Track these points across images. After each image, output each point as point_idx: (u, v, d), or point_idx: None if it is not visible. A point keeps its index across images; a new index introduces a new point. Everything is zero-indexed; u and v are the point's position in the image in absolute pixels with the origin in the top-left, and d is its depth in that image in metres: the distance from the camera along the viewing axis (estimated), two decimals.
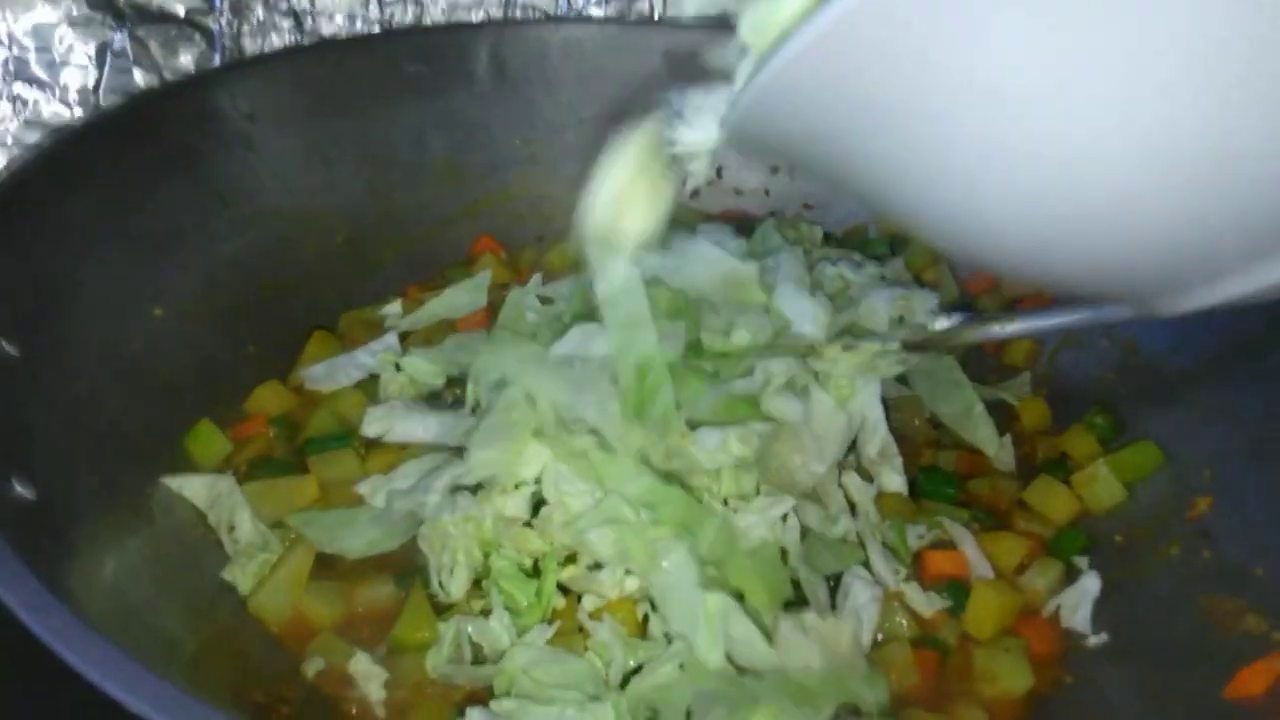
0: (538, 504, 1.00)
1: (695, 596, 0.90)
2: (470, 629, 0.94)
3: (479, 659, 0.94)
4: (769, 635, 0.91)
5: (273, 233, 1.31)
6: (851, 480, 1.07)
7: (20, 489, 0.84)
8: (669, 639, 0.91)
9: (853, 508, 1.06)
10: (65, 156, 1.12)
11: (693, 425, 0.99)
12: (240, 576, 0.99)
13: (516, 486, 0.99)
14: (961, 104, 0.49)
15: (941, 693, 0.98)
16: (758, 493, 0.99)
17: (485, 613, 0.97)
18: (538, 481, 0.99)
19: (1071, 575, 1.08)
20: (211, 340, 1.20)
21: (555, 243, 1.43)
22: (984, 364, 1.31)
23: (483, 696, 0.92)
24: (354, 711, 0.91)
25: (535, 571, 0.98)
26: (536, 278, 1.30)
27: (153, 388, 1.10)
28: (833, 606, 0.98)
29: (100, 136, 1.17)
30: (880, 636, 0.99)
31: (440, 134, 1.44)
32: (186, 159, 1.24)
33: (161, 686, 0.65)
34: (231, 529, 1.04)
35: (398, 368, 1.20)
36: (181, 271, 1.19)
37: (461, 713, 0.88)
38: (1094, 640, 1.03)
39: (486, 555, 0.97)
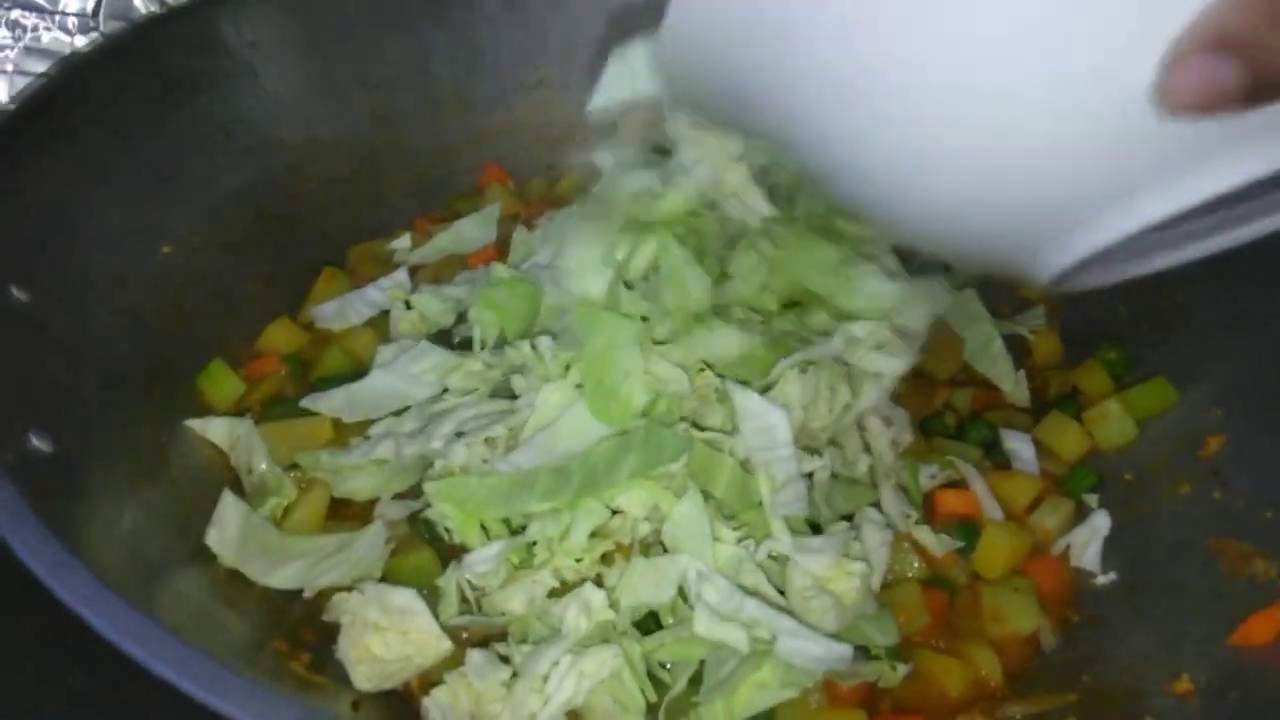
0: None
1: (706, 547, 0.91)
2: (469, 575, 0.95)
3: (485, 608, 0.96)
4: (781, 588, 0.92)
5: (278, 164, 1.29)
6: (871, 422, 1.07)
7: (38, 442, 0.84)
8: (684, 596, 0.92)
9: (868, 448, 1.06)
10: (69, 88, 1.09)
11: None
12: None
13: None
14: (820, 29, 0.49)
15: (951, 632, 0.99)
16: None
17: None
18: None
19: (1081, 514, 1.09)
20: (221, 277, 1.19)
21: (565, 173, 1.41)
22: (998, 296, 1.30)
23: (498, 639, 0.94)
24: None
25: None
26: (546, 216, 1.28)
27: (164, 328, 1.10)
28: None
29: (104, 67, 1.14)
30: (890, 577, 1.00)
31: (446, 60, 1.40)
32: (190, 89, 1.21)
33: (185, 650, 0.66)
34: (250, 470, 1.05)
35: (408, 305, 1.19)
36: (188, 206, 1.18)
37: None
38: (1102, 579, 1.04)
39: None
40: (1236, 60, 0.43)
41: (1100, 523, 1.07)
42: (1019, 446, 1.13)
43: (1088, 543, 1.06)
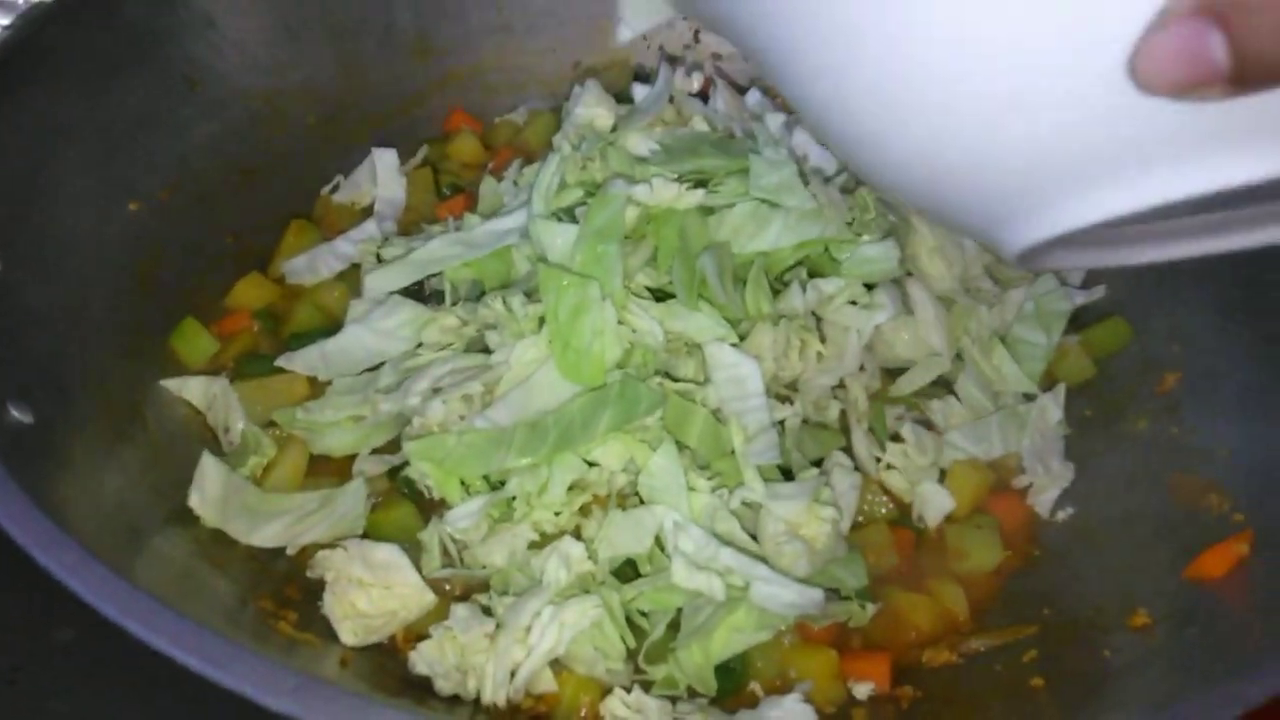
0: None
1: (681, 497, 0.94)
2: (450, 529, 0.97)
3: (466, 561, 0.98)
4: (754, 535, 0.95)
5: (242, 115, 1.28)
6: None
7: (17, 414, 0.85)
8: (661, 546, 0.94)
9: (837, 395, 1.08)
10: (28, 44, 1.07)
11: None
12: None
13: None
14: None
15: (917, 570, 1.03)
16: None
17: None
18: None
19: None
20: (189, 232, 1.18)
21: (532, 118, 1.40)
22: None
23: (480, 590, 0.96)
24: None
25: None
26: (515, 165, 1.28)
27: (135, 287, 1.10)
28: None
29: (62, 21, 1.12)
30: (860, 518, 1.03)
31: (409, 4, 1.39)
32: (150, 41, 1.19)
33: (180, 622, 0.68)
34: (227, 430, 1.06)
35: (379, 258, 1.19)
36: (153, 161, 1.17)
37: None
38: (1062, 515, 1.07)
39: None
40: (1221, 33, 0.38)
41: (1063, 472, 1.09)
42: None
43: (1046, 488, 1.08)
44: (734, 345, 1.00)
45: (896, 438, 1.08)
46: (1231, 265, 1.07)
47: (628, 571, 0.96)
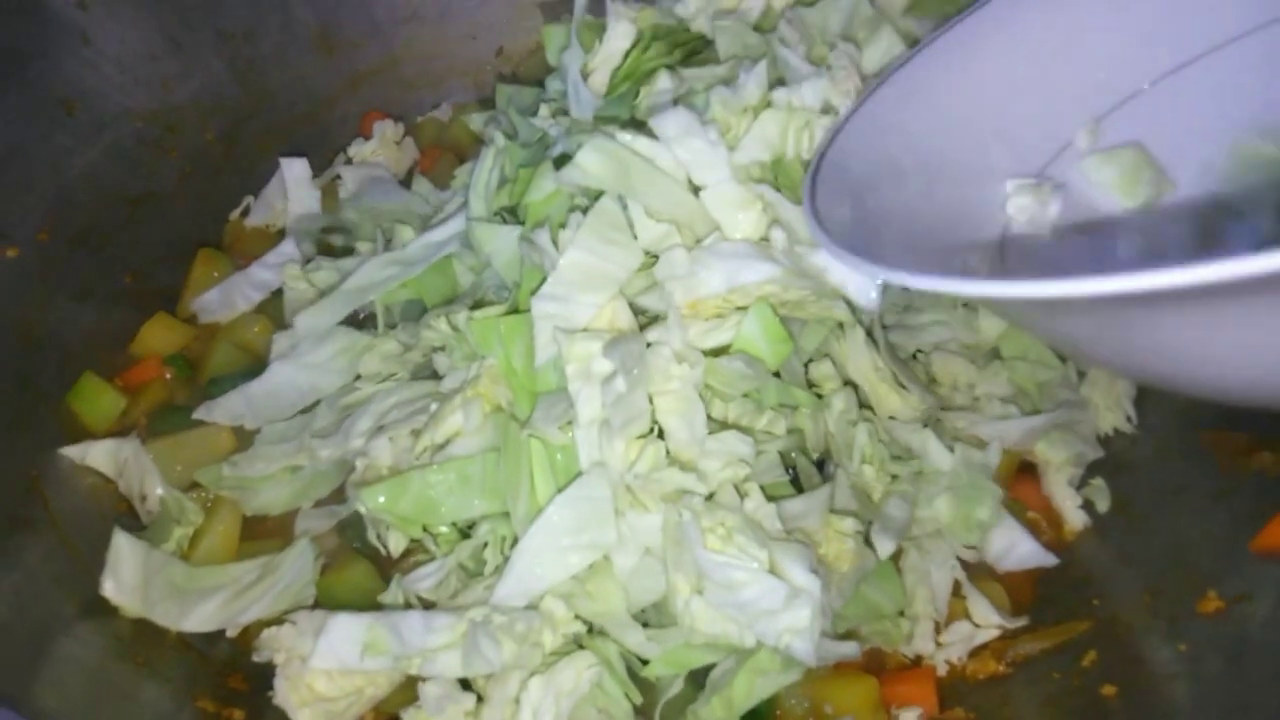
0: None
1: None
2: (415, 589, 0.85)
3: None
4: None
5: (128, 137, 1.14)
6: None
7: None
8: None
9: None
10: None
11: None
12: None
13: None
14: None
15: None
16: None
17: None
18: None
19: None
20: (79, 276, 1.05)
21: (457, 113, 1.27)
22: None
23: None
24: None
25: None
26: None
27: (20, 345, 0.97)
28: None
29: None
30: None
31: None
32: (16, 64, 1.06)
33: None
34: (144, 498, 0.92)
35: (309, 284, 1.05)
36: (29, 197, 1.04)
37: None
38: (1092, 493, 0.96)
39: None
40: None
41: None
42: None
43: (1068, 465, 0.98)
44: None
45: None
46: None
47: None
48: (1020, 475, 0.98)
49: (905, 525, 0.88)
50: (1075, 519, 0.96)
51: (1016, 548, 0.93)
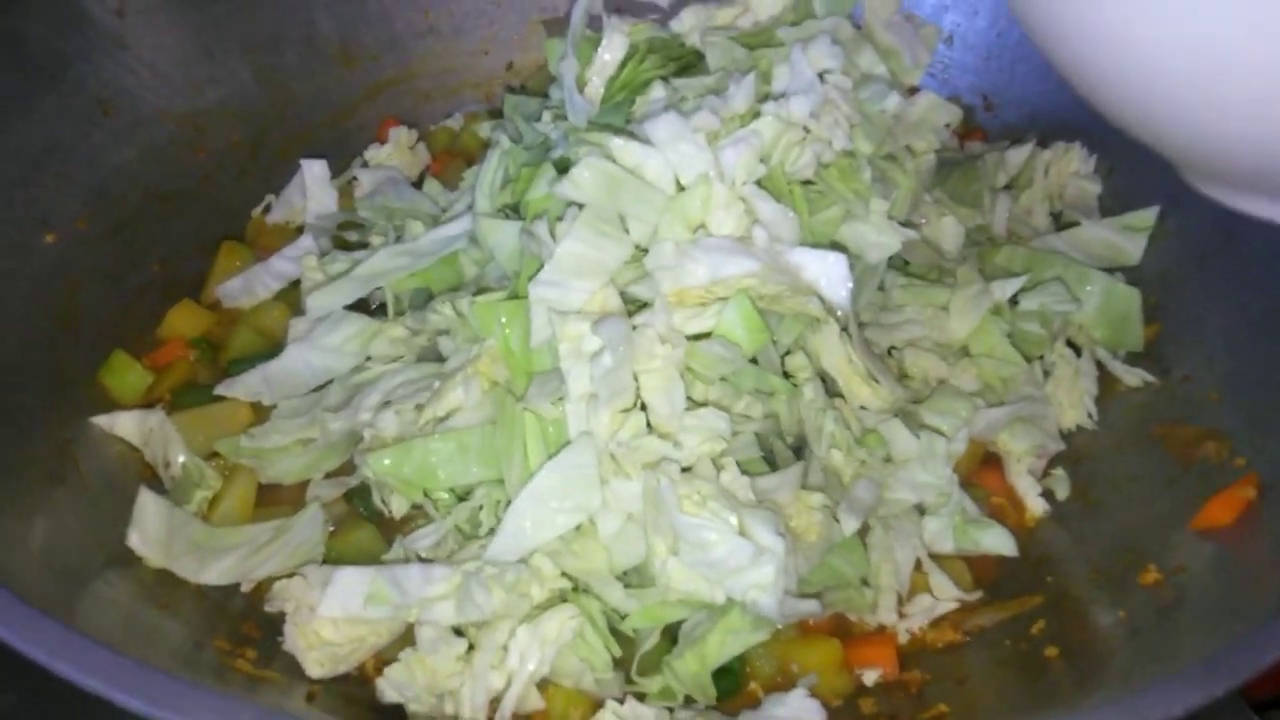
0: None
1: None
2: (416, 548, 0.91)
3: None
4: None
5: (161, 137, 1.21)
6: None
7: None
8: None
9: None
10: None
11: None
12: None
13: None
14: None
15: None
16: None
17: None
18: None
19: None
20: (112, 262, 1.12)
21: (469, 122, 1.35)
22: None
23: None
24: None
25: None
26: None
27: (57, 323, 1.03)
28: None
29: None
30: None
31: (330, 11, 1.33)
32: (58, 67, 1.13)
33: (117, 660, 0.61)
34: (167, 465, 0.99)
35: (324, 274, 1.12)
36: (68, 189, 1.11)
37: None
38: (1053, 482, 1.03)
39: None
40: None
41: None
42: None
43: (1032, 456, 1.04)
44: None
45: None
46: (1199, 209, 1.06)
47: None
48: (985, 464, 1.05)
49: (871, 505, 0.94)
50: (1035, 505, 1.02)
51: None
